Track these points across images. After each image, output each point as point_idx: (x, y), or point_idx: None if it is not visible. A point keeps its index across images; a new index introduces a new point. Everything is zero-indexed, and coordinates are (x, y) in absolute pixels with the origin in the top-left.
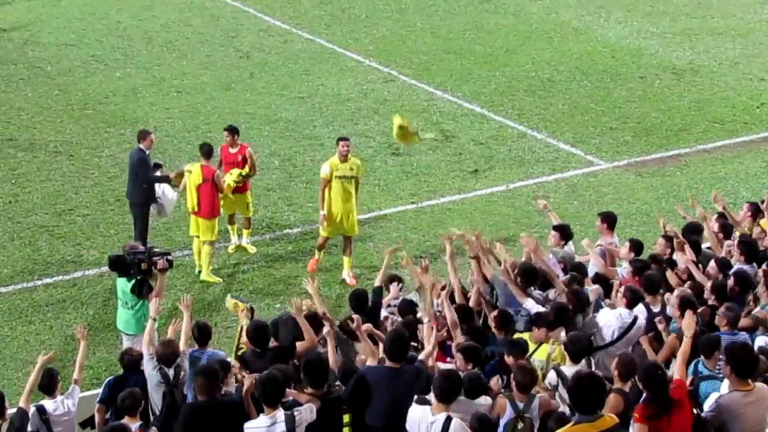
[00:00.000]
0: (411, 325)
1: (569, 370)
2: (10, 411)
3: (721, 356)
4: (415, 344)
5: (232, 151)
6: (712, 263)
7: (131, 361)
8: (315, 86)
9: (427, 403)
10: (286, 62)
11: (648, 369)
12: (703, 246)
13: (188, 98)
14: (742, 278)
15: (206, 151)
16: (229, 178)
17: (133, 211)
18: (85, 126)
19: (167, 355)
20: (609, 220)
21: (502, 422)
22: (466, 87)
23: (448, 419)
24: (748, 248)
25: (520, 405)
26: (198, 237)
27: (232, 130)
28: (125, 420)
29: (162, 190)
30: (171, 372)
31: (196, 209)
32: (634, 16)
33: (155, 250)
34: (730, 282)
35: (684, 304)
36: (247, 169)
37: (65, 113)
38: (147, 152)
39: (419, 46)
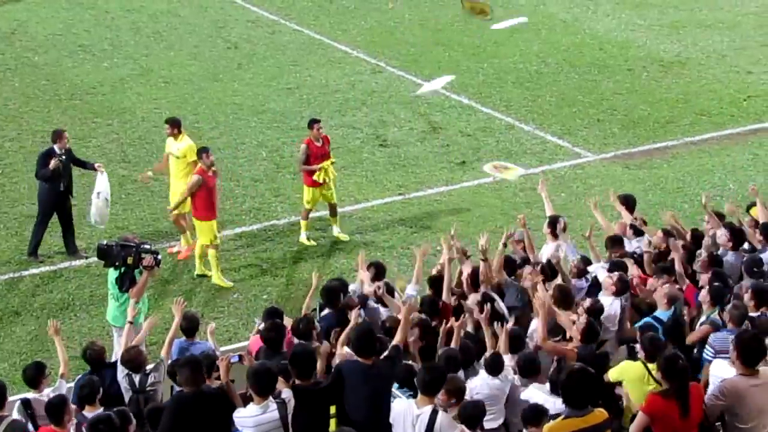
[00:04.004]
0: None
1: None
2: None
3: None
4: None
5: (319, 144)
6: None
7: (94, 356)
8: (303, 77)
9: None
10: (274, 53)
11: (669, 358)
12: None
13: (176, 89)
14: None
15: (197, 152)
16: (321, 174)
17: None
18: (72, 116)
19: (130, 360)
20: (627, 203)
21: None
22: (454, 79)
23: (434, 412)
24: (737, 236)
25: None
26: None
27: (317, 122)
28: (86, 410)
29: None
30: (137, 378)
31: (189, 209)
32: (622, 9)
33: (145, 246)
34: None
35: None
36: (332, 158)
37: (52, 103)
38: (59, 152)
39: (407, 37)
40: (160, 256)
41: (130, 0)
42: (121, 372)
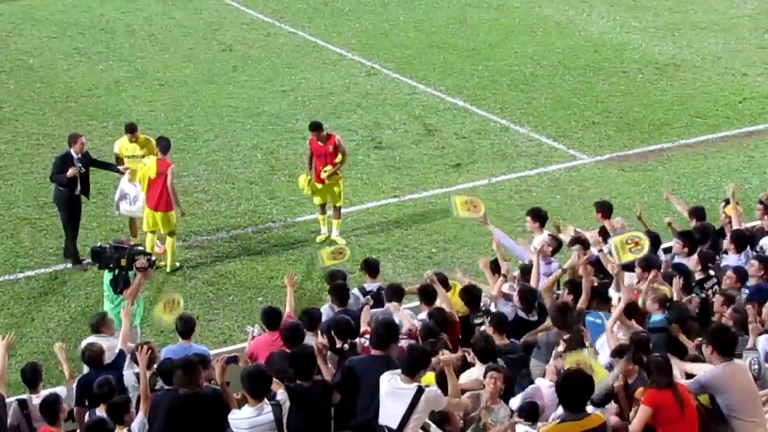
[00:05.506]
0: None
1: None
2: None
3: None
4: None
5: (321, 144)
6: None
7: (92, 357)
8: (297, 80)
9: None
10: (268, 55)
11: (656, 359)
12: None
13: (171, 91)
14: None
15: (163, 145)
16: (323, 174)
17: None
18: (67, 118)
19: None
20: (604, 209)
21: None
22: (448, 81)
23: (420, 390)
24: (689, 239)
25: None
26: (153, 232)
27: (317, 128)
28: (100, 409)
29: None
30: (149, 375)
31: (152, 204)
32: (617, 11)
33: (139, 248)
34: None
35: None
36: (339, 158)
37: (48, 106)
38: (75, 156)
39: (402, 39)
40: (153, 258)
41: (125, 2)
42: (130, 371)
